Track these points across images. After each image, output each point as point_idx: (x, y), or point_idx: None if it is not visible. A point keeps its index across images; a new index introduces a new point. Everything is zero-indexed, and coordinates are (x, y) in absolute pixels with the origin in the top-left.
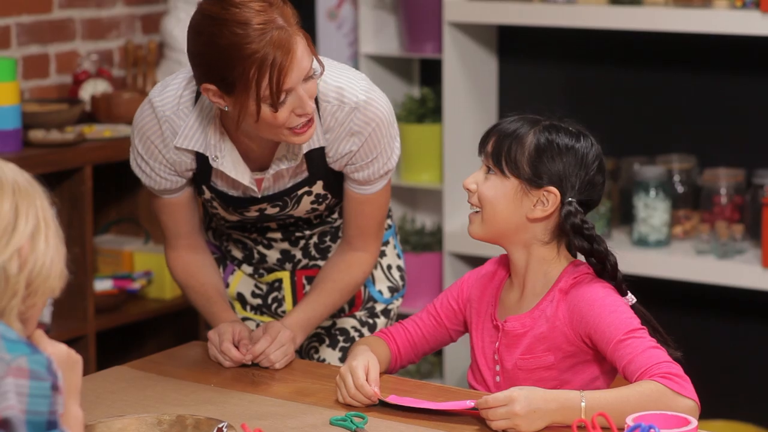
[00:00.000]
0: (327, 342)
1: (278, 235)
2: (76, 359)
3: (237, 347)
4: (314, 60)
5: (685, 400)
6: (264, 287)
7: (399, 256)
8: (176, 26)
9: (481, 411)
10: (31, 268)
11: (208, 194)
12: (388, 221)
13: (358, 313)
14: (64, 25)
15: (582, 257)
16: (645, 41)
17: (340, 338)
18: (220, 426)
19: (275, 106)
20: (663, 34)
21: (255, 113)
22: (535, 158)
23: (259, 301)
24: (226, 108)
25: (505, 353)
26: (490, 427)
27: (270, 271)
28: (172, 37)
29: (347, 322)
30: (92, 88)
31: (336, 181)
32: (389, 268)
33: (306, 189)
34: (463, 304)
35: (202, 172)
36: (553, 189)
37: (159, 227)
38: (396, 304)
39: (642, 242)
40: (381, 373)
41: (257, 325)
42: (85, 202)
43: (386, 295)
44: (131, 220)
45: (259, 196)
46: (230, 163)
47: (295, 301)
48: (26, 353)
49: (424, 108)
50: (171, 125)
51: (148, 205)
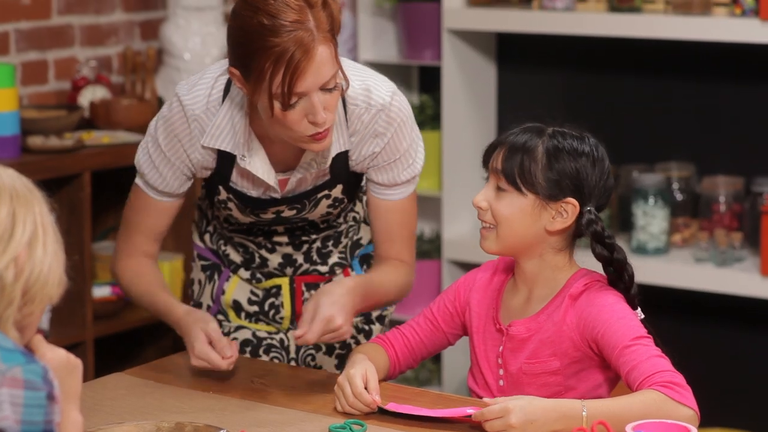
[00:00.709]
0: (323, 350)
1: (284, 239)
2: (76, 364)
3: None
4: (339, 74)
5: (685, 409)
6: (261, 293)
7: None
8: (175, 33)
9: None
10: (28, 276)
11: (223, 195)
12: None
13: (354, 320)
14: (63, 31)
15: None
16: (644, 49)
17: (336, 345)
18: None
19: (285, 106)
20: (662, 42)
21: (267, 108)
22: (551, 172)
23: (255, 308)
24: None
25: (510, 357)
26: None
27: (269, 276)
28: (171, 44)
29: None
30: (91, 95)
31: (354, 185)
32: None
33: (326, 192)
34: (460, 308)
35: (222, 172)
36: (572, 200)
37: (125, 228)
38: (390, 311)
39: (641, 250)
40: (380, 380)
41: (253, 334)
42: (84, 209)
43: None
44: None
45: (280, 198)
46: (258, 163)
47: (294, 308)
48: (21, 363)
49: (423, 115)
50: (200, 124)
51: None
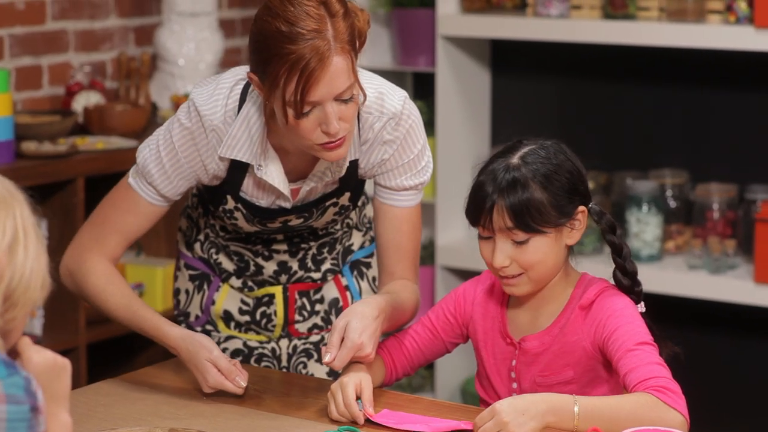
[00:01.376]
0: (315, 357)
1: (283, 247)
2: (63, 365)
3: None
4: (356, 86)
5: (675, 414)
6: (252, 302)
7: None
8: (169, 38)
9: None
10: (9, 281)
11: (231, 204)
12: None
13: None
14: (57, 36)
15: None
16: (638, 56)
17: None
18: None
19: (298, 114)
20: (656, 49)
21: (282, 116)
22: (555, 198)
23: (247, 318)
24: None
25: (524, 371)
26: None
27: (261, 284)
28: (165, 49)
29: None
30: (85, 100)
31: (359, 191)
32: (375, 280)
33: (333, 200)
34: (461, 320)
35: (232, 181)
36: (579, 208)
37: (99, 224)
38: None
39: (634, 257)
40: (375, 387)
41: (244, 344)
42: (77, 214)
43: None
44: None
45: (290, 207)
46: (274, 173)
47: (287, 316)
48: (2, 377)
49: None
50: (217, 134)
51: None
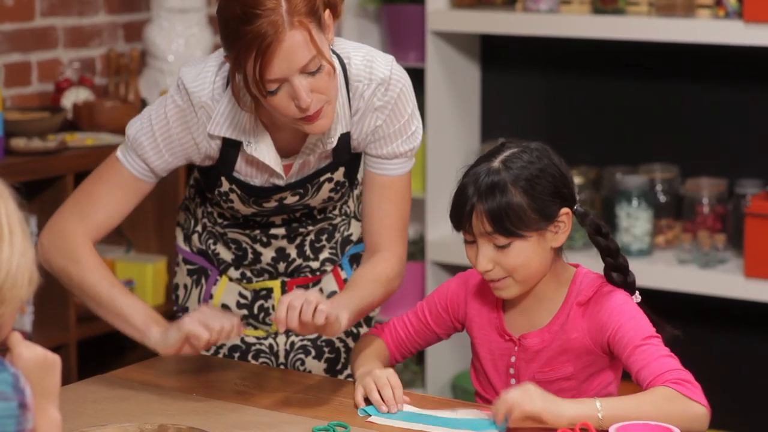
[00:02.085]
0: (313, 354)
1: (281, 231)
2: (53, 361)
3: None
4: (322, 56)
5: (698, 406)
6: (250, 295)
7: None
8: (159, 34)
9: (497, 407)
10: None
11: (226, 186)
12: None
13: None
14: (46, 33)
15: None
16: (628, 50)
17: (326, 349)
18: None
19: (263, 92)
20: (646, 44)
21: (256, 96)
22: (536, 201)
23: (244, 311)
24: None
25: (524, 368)
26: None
27: (260, 274)
28: (154, 46)
29: None
30: (74, 96)
31: (355, 167)
32: None
33: (328, 176)
34: (454, 315)
35: (226, 161)
36: (563, 210)
37: (85, 199)
38: (377, 312)
39: (624, 251)
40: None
41: (241, 340)
42: None
43: None
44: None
45: (284, 184)
46: (264, 149)
47: None
48: None
49: None
50: (206, 111)
51: (135, 212)
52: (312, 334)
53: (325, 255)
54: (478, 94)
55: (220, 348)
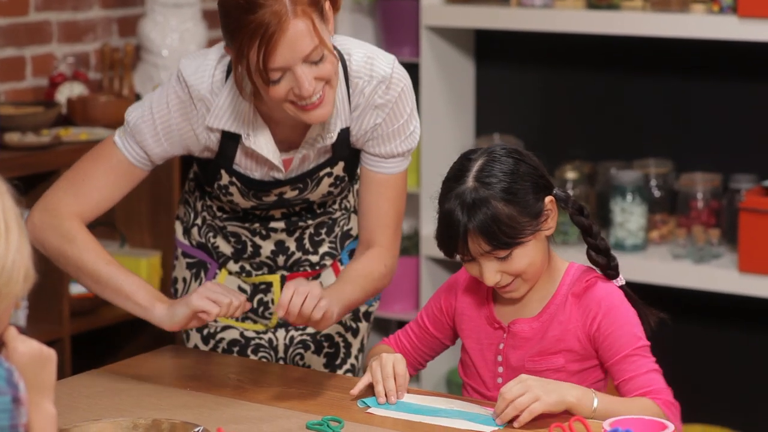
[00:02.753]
0: (312, 348)
1: (281, 225)
2: (49, 355)
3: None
4: (325, 46)
5: (673, 428)
6: (249, 289)
7: None
8: (153, 29)
9: (505, 412)
10: None
11: (225, 179)
12: None
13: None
14: (41, 27)
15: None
16: (622, 45)
17: (325, 344)
18: (196, 430)
19: (266, 81)
20: (640, 39)
21: (257, 86)
22: (521, 206)
23: None
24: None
25: (511, 354)
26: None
27: (259, 267)
28: (149, 40)
29: (331, 328)
30: (68, 91)
31: (355, 163)
32: None
33: (327, 170)
34: (447, 312)
35: (225, 154)
36: (546, 199)
37: (80, 179)
38: (375, 306)
39: (618, 246)
40: None
41: (240, 334)
42: None
43: None
44: (107, 223)
45: (283, 178)
46: (262, 142)
47: None
48: None
49: None
50: (205, 104)
51: (123, 204)
52: (303, 325)
53: (325, 249)
54: (472, 89)
55: (219, 342)
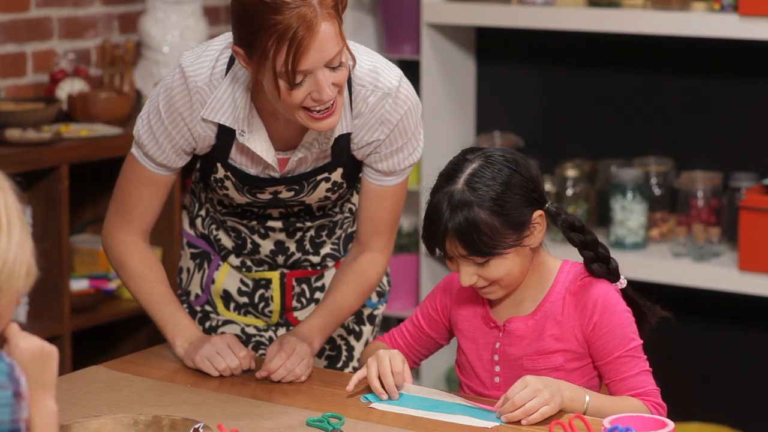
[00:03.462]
0: None
1: (278, 225)
2: (50, 352)
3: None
4: (345, 51)
5: (671, 423)
6: (251, 283)
7: None
8: (154, 26)
9: (513, 413)
10: None
11: (221, 172)
12: None
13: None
14: (41, 23)
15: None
16: (623, 44)
17: (327, 346)
18: (197, 426)
19: (291, 84)
20: (641, 37)
21: (273, 88)
22: (506, 217)
23: (245, 299)
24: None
25: (507, 352)
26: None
27: (259, 264)
28: (149, 37)
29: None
30: (69, 87)
31: (354, 170)
32: None
33: (325, 175)
34: (442, 312)
35: (222, 148)
36: (536, 213)
37: (121, 200)
38: (381, 309)
39: (619, 244)
40: None
41: (242, 330)
42: (62, 202)
43: (374, 299)
44: None
45: (279, 177)
46: (257, 140)
47: (284, 303)
48: None
49: None
50: (201, 96)
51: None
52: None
53: (327, 250)
54: (473, 87)
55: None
